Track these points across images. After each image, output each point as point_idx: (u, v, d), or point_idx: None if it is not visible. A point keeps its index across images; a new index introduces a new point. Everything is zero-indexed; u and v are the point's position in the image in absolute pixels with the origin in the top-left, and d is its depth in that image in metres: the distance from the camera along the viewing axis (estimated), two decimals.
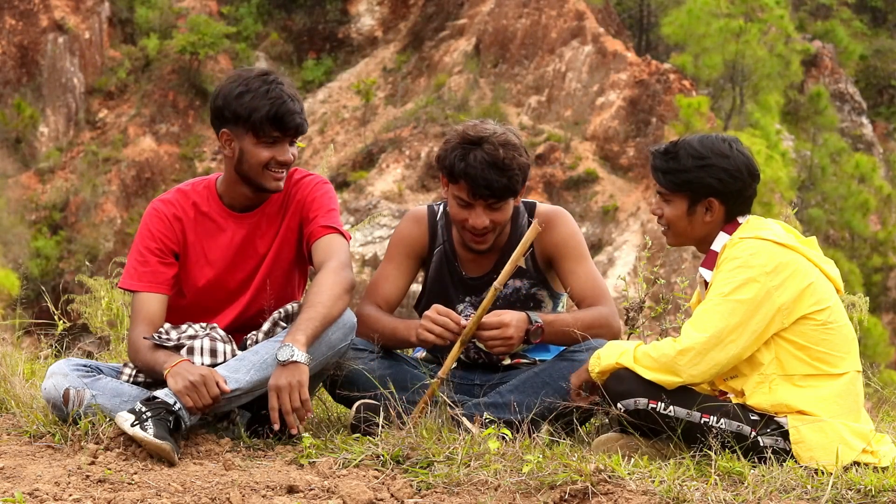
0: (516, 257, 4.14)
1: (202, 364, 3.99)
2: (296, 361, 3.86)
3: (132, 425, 3.71)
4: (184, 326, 4.16)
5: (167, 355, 3.98)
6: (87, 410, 3.96)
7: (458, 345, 4.15)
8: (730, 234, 3.96)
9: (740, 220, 3.99)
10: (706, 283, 3.98)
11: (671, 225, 4.03)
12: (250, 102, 4.08)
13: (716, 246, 3.97)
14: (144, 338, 4.07)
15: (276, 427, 3.88)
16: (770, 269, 3.80)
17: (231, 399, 3.90)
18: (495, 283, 4.13)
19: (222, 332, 4.16)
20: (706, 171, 3.92)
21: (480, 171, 4.18)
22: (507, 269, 4.14)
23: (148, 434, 3.68)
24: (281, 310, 4.19)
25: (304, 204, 4.28)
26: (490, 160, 4.18)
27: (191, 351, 4.02)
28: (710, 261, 3.98)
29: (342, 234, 4.24)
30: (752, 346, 3.81)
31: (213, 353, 4.04)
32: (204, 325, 4.19)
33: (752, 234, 3.88)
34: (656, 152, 4.03)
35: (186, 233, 4.27)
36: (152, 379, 4.06)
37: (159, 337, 4.07)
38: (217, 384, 3.84)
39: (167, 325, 4.16)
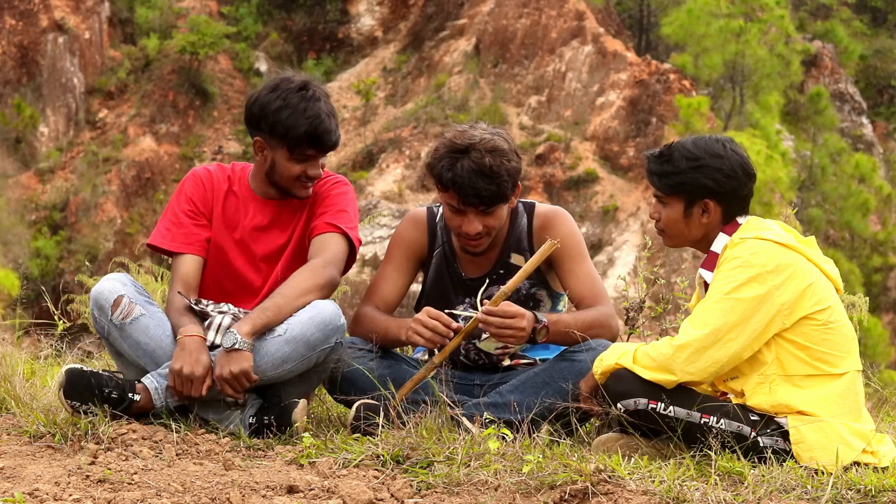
0: (528, 269, 4.17)
1: (213, 341, 4.05)
2: (238, 349, 3.93)
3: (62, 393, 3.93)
4: (224, 307, 4.19)
5: (190, 322, 4.04)
6: (131, 323, 4.04)
7: (460, 335, 4.17)
8: (729, 234, 3.96)
9: (740, 220, 3.99)
10: (706, 285, 3.98)
11: (668, 228, 4.03)
12: (287, 119, 4.12)
13: (716, 247, 3.97)
14: (179, 292, 4.15)
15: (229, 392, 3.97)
16: (771, 268, 3.80)
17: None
18: (504, 287, 4.14)
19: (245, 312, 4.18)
20: (700, 171, 3.92)
21: (468, 180, 4.18)
22: (518, 277, 4.16)
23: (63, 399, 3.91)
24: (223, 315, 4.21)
25: (318, 200, 4.33)
26: (477, 168, 4.17)
27: (209, 325, 4.08)
28: (711, 262, 3.98)
29: (345, 233, 4.25)
30: (752, 347, 3.81)
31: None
32: (241, 310, 4.20)
33: (752, 234, 3.88)
34: (651, 156, 4.03)
35: (215, 202, 4.34)
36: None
37: (196, 302, 4.15)
38: (202, 385, 3.94)
39: (208, 304, 4.21)
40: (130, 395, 3.98)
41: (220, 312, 4.13)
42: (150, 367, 4.07)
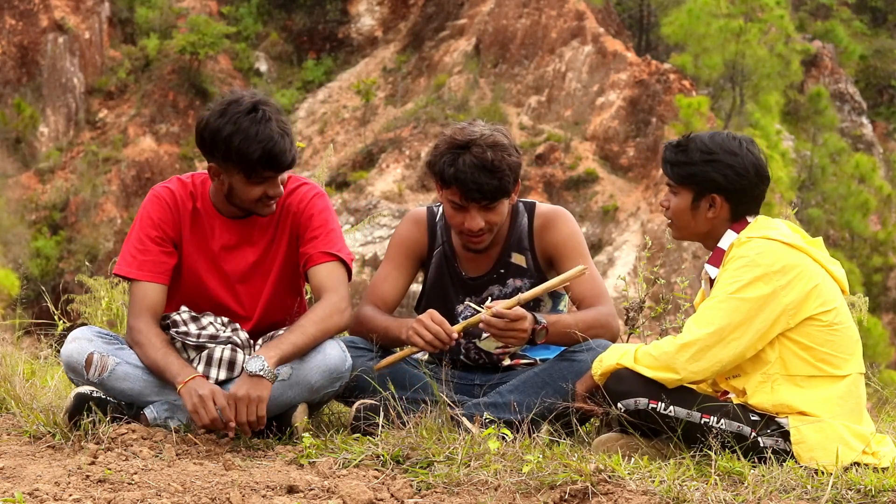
0: (551, 285, 4.17)
1: (217, 378, 4.00)
2: (261, 376, 3.86)
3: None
4: (204, 320, 4.14)
5: (181, 367, 3.95)
6: (109, 376, 3.98)
7: (460, 325, 4.18)
8: (737, 232, 3.96)
9: (749, 219, 3.99)
10: (711, 281, 3.98)
11: (675, 218, 4.04)
12: (240, 145, 3.99)
13: (723, 244, 3.97)
14: (173, 335, 4.06)
15: (231, 435, 3.88)
16: (777, 268, 3.80)
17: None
18: (521, 296, 4.14)
19: (244, 336, 4.14)
20: (712, 165, 3.93)
21: (470, 175, 4.18)
22: (538, 290, 4.17)
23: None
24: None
25: (301, 220, 4.24)
26: (479, 163, 4.18)
27: (209, 360, 4.01)
28: (717, 258, 3.98)
29: (343, 260, 4.21)
30: (756, 346, 3.81)
31: (232, 365, 4.04)
32: (225, 321, 4.17)
33: (760, 234, 3.88)
34: (669, 145, 4.06)
35: (183, 225, 4.23)
36: (157, 377, 4.03)
37: (178, 332, 4.07)
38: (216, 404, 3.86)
39: (185, 315, 4.14)
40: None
41: (213, 338, 4.06)
42: (144, 402, 4.05)
